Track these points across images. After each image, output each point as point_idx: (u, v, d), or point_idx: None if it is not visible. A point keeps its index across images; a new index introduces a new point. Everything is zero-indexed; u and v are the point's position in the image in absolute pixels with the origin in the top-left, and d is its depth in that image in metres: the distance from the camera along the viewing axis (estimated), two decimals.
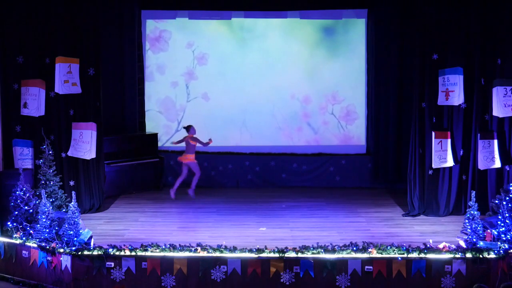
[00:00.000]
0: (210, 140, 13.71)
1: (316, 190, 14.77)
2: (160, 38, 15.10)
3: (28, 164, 12.23)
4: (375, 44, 14.80)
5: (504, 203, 10.54)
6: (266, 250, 10.03)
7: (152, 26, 15.11)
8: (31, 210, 10.86)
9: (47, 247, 10.23)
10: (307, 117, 15.29)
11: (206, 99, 15.25)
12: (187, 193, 13.85)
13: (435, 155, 12.21)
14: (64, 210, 11.58)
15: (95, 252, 10.07)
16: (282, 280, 9.95)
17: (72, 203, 10.36)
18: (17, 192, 10.92)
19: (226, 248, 10.12)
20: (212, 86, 15.23)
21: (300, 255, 9.97)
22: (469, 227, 10.22)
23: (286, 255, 9.95)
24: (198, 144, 13.69)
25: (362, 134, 15.31)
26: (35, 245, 10.37)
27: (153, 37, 15.12)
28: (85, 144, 12.39)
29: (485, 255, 9.94)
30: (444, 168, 12.43)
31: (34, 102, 12.19)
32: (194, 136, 13.73)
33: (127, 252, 10.04)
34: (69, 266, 10.04)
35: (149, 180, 14.68)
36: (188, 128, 13.79)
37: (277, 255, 9.96)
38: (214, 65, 15.22)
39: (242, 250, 10.06)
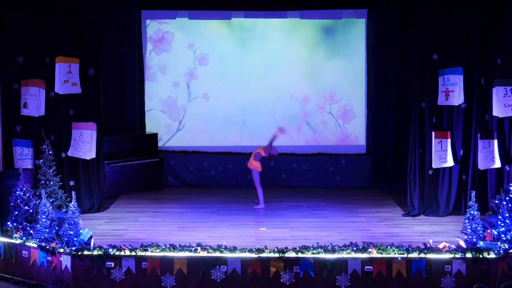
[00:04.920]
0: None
1: (316, 190, 14.76)
2: (163, 40, 15.07)
3: (28, 164, 12.23)
4: (375, 44, 14.79)
5: (504, 203, 10.54)
6: (266, 250, 10.03)
7: (155, 28, 15.08)
8: (31, 210, 10.85)
9: (47, 247, 10.22)
10: (307, 117, 15.27)
11: (206, 99, 15.23)
12: (190, 193, 13.83)
13: (435, 155, 12.21)
14: (64, 210, 11.58)
15: (95, 252, 10.07)
16: (282, 280, 9.95)
17: (72, 203, 10.36)
18: (17, 192, 10.91)
19: (226, 248, 10.12)
20: (212, 86, 15.21)
21: (300, 255, 9.96)
22: (469, 227, 10.21)
23: (286, 255, 9.95)
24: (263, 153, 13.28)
25: (362, 134, 15.29)
26: (35, 245, 10.37)
27: (156, 38, 15.08)
28: (85, 144, 12.39)
29: (485, 255, 9.93)
30: (444, 168, 12.43)
31: (34, 102, 12.19)
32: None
33: (127, 252, 10.04)
34: (69, 266, 10.03)
35: (149, 180, 14.66)
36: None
37: (277, 255, 9.95)
38: (214, 65, 15.21)
39: (242, 250, 10.06)
